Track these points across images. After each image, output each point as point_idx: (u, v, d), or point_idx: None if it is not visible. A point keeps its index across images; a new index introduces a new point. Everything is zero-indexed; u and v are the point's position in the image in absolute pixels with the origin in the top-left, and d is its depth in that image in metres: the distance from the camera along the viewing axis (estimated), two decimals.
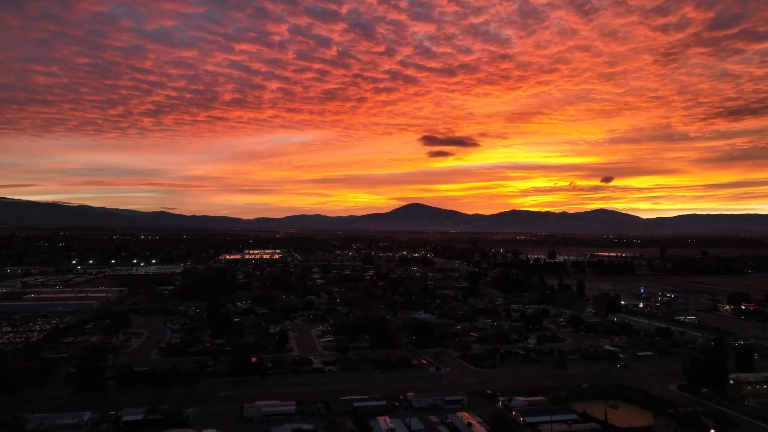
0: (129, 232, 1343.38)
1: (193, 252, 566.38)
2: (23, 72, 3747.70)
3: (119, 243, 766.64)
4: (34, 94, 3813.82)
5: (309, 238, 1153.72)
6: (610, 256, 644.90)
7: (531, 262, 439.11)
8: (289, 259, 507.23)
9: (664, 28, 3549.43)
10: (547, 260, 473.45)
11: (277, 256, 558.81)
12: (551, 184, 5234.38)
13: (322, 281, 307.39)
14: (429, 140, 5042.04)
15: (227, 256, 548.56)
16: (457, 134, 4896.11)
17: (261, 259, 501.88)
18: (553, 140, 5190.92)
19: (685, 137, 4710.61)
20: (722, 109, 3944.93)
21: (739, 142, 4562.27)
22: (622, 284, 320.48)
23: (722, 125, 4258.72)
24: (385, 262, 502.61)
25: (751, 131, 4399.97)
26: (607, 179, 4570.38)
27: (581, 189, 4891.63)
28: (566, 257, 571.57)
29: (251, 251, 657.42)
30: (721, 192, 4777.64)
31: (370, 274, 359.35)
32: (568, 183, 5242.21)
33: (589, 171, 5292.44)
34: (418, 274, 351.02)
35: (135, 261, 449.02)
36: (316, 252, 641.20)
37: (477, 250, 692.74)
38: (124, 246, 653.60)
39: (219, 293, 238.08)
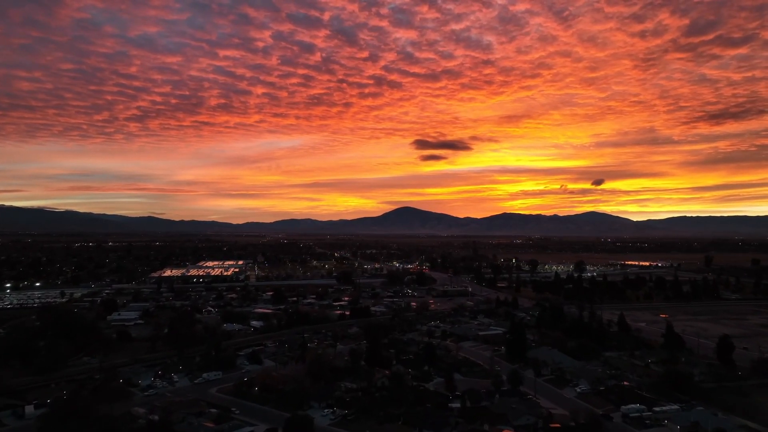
0: (111, 239, 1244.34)
1: (125, 266, 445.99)
2: (6, 78, 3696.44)
3: (65, 253, 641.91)
4: (18, 99, 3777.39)
5: (291, 244, 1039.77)
6: (642, 265, 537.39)
7: (564, 278, 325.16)
8: (243, 276, 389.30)
9: (642, 34, 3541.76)
10: (580, 275, 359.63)
11: (234, 270, 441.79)
12: (540, 188, 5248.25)
13: (260, 323, 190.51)
14: (421, 144, 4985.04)
15: (169, 272, 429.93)
16: (449, 138, 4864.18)
17: (206, 276, 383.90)
18: (539, 144, 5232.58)
19: (669, 141, 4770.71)
20: (703, 113, 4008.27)
21: (722, 145, 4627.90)
22: (729, 321, 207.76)
23: (704, 129, 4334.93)
24: (369, 277, 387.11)
25: (732, 135, 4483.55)
26: (598, 182, 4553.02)
27: (571, 192, 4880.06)
28: (596, 268, 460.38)
29: (207, 263, 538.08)
30: (707, 194, 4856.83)
31: (343, 302, 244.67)
32: (558, 186, 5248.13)
33: (577, 174, 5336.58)
34: (414, 305, 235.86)
35: (9, 284, 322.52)
36: (287, 264, 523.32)
37: (481, 258, 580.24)
38: (54, 259, 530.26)
39: (33, 369, 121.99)
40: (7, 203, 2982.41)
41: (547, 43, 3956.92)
